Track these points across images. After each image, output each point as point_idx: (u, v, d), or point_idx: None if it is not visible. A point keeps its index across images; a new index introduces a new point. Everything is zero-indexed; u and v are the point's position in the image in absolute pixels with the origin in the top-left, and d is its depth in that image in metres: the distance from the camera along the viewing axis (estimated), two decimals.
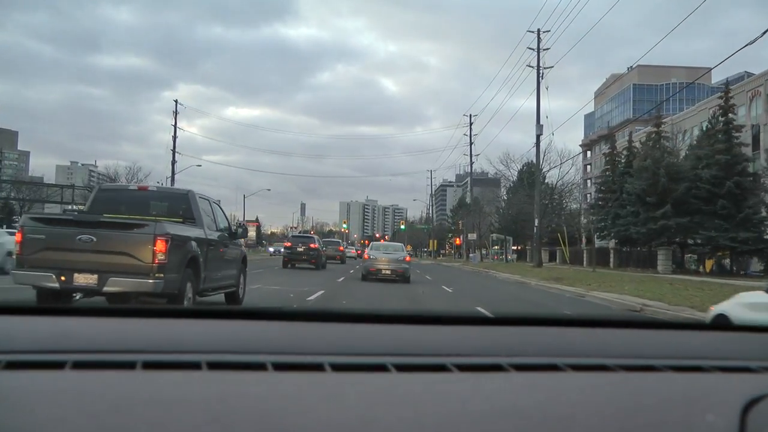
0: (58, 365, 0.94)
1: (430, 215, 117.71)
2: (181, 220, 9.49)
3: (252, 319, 1.28)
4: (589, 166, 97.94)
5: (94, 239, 8.02)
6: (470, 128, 61.16)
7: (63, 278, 7.96)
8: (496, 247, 67.87)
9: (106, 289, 7.99)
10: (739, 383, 1.07)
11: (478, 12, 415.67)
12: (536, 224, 35.84)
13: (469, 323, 1.39)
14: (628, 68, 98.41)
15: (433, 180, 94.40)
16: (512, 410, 0.91)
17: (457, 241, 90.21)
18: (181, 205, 9.93)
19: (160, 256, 8.01)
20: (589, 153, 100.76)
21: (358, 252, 71.22)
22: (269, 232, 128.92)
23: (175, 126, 60.78)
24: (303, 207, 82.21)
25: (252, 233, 75.53)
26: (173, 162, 60.11)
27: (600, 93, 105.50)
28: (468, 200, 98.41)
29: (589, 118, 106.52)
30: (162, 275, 8.03)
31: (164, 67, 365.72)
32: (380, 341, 1.17)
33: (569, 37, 48.98)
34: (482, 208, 72.19)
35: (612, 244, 47.78)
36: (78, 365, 0.95)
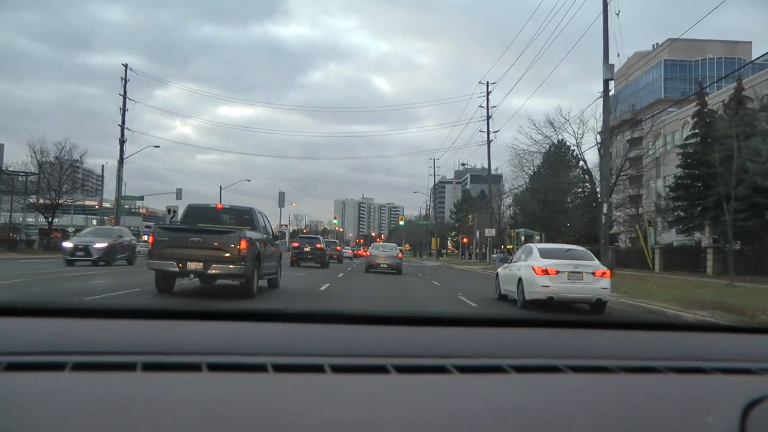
0: (59, 367, 0.94)
1: (432, 209, 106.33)
2: (249, 228, 13.48)
3: (252, 321, 1.28)
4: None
5: (201, 240, 12.13)
6: (487, 98, 49.58)
7: (180, 265, 11.95)
8: (504, 247, 55.80)
9: (209, 272, 12.02)
10: (739, 385, 1.07)
11: (469, 10, 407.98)
12: (604, 211, 23.36)
13: (469, 324, 1.37)
14: (653, 45, 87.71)
15: (435, 169, 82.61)
16: (513, 412, 0.91)
17: (465, 240, 79.46)
18: (244, 216, 14.30)
19: (243, 251, 12.00)
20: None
21: (355, 252, 73.09)
22: None
23: (124, 97, 49.57)
24: (282, 196, 71.08)
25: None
26: (122, 140, 48.65)
27: (622, 74, 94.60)
28: (480, 190, 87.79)
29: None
30: (244, 263, 11.99)
31: (156, 65, 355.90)
32: (380, 343, 1.17)
33: (567, 38, 38.96)
34: (500, 199, 60.66)
35: (707, 240, 35.74)
36: (78, 367, 0.95)
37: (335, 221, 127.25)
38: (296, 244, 32.75)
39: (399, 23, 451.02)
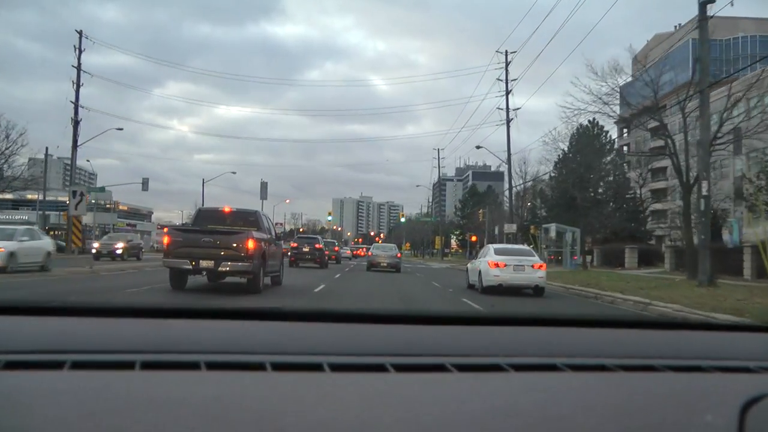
0: (57, 365, 0.94)
1: (436, 205, 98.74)
2: (255, 229, 14.38)
3: (251, 319, 1.27)
4: (626, 147, 79.48)
5: (212, 240, 13.06)
6: (506, 69, 42.19)
7: (193, 263, 12.97)
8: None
9: (220, 269, 13.03)
10: (738, 383, 1.07)
11: (466, 9, 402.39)
12: (704, 192, 15.94)
13: (468, 323, 1.37)
14: (675, 27, 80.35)
15: (440, 160, 75.23)
16: (511, 410, 0.91)
17: (473, 238, 72.19)
18: (250, 218, 15.38)
19: (251, 250, 12.93)
20: (625, 133, 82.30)
21: (354, 252, 73.00)
22: None
23: (78, 69, 42.17)
24: (264, 186, 63.53)
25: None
26: (76, 121, 41.11)
27: (641, 58, 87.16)
28: (488, 185, 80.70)
29: (626, 88, 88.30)
30: (252, 261, 12.98)
31: (153, 65, 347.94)
32: (379, 341, 1.17)
33: (568, 34, 31.83)
34: (521, 189, 53.04)
35: None
36: (77, 365, 0.95)
37: (329, 217, 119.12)
38: (295, 245, 32.34)
39: (396, 22, 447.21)
